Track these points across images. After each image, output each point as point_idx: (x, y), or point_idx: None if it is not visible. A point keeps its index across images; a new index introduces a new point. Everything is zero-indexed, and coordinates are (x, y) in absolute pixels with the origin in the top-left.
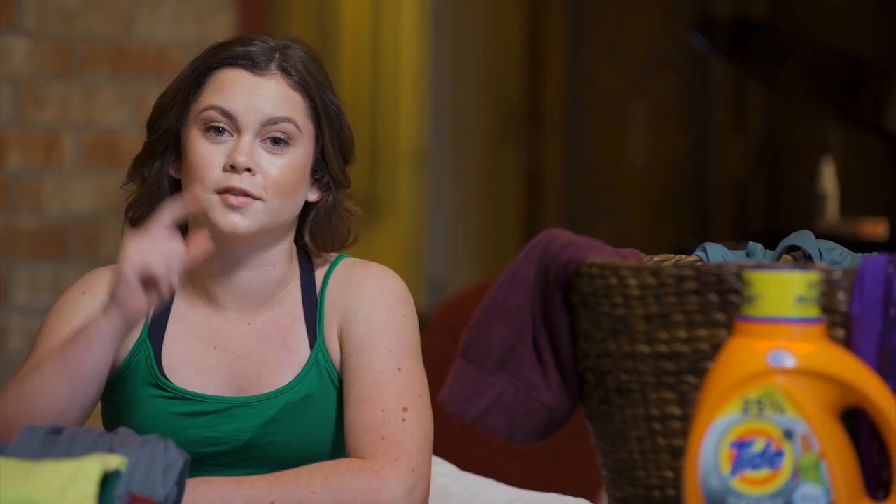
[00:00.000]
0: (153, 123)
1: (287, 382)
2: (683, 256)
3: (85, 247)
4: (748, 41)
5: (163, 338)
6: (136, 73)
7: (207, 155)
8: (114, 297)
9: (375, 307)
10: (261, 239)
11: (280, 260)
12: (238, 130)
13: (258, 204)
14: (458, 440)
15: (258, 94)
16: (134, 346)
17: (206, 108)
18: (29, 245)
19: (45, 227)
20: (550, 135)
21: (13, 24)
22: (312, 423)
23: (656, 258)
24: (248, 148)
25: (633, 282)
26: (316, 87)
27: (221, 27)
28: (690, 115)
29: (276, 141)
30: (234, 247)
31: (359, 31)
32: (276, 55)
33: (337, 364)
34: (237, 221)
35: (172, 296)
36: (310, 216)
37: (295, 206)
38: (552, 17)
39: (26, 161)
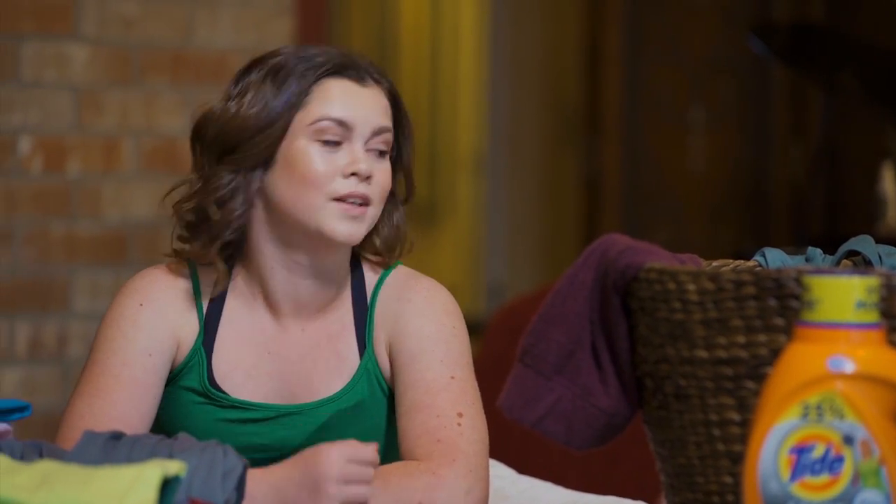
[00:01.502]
0: (245, 138)
1: (338, 390)
2: (742, 261)
3: (144, 253)
4: (806, 45)
5: (214, 342)
6: (195, 80)
7: (324, 164)
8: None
9: (426, 320)
10: (347, 248)
11: (344, 267)
12: (349, 139)
13: (369, 212)
14: (516, 445)
15: (368, 105)
16: (189, 353)
17: (319, 119)
18: (89, 251)
19: (105, 234)
20: (609, 139)
21: (73, 32)
22: (362, 430)
23: (715, 263)
24: (364, 156)
25: (691, 287)
26: (400, 98)
27: (281, 33)
28: (749, 119)
29: (379, 152)
30: (325, 256)
31: (418, 36)
32: (366, 64)
33: (385, 373)
34: (355, 230)
35: (224, 298)
36: (378, 226)
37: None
38: (610, 21)
39: (86, 167)
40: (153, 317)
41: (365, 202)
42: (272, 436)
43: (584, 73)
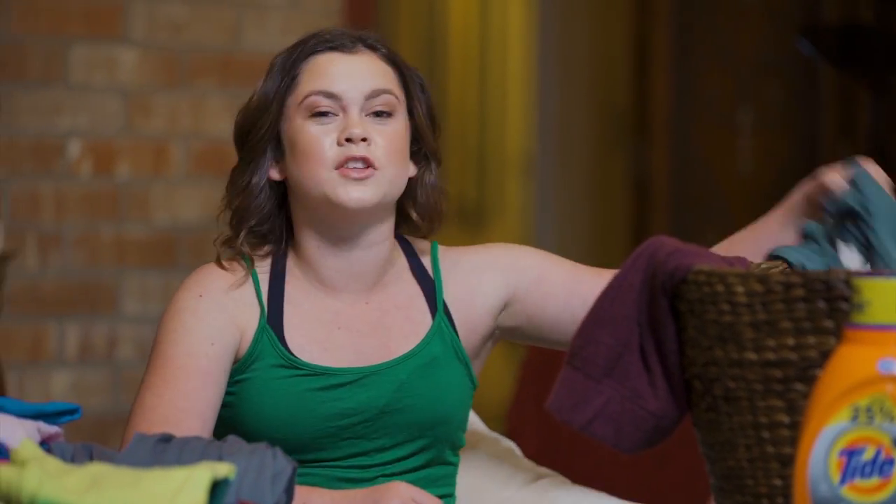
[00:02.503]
0: (248, 131)
1: (413, 347)
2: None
3: (193, 256)
4: (855, 46)
5: (283, 322)
6: (243, 83)
7: (319, 135)
8: None
9: (520, 252)
10: (377, 213)
11: (387, 237)
12: (343, 109)
13: (377, 174)
14: (566, 448)
15: (356, 71)
16: (255, 335)
17: (307, 96)
18: (138, 254)
19: (154, 237)
20: (657, 141)
21: (122, 35)
22: (441, 384)
23: (763, 265)
24: (359, 120)
25: (740, 289)
26: (400, 60)
27: None
28: (797, 120)
29: (378, 114)
30: (352, 224)
31: (466, 37)
32: (358, 37)
33: (462, 335)
34: (361, 194)
35: (282, 283)
36: (410, 192)
37: (405, 177)
38: (659, 24)
39: (135, 171)
40: (213, 307)
41: (368, 164)
42: (357, 398)
43: (632, 75)
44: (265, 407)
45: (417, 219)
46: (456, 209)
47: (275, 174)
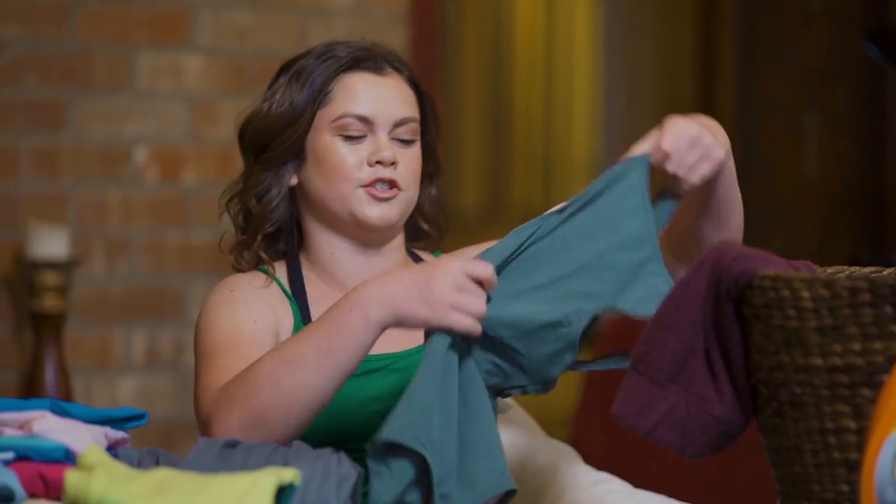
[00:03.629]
0: (271, 139)
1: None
2: (857, 268)
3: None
4: None
5: (311, 321)
6: None
7: (349, 155)
8: (402, 311)
9: None
10: (397, 227)
11: (400, 244)
12: (372, 131)
13: (401, 195)
14: (632, 452)
15: (387, 97)
16: (294, 330)
17: (341, 116)
18: (204, 260)
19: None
20: None
21: (188, 42)
22: None
23: (829, 270)
24: (388, 143)
25: (805, 294)
26: (420, 83)
27: (395, 42)
28: (863, 125)
29: (402, 139)
30: (374, 237)
31: (532, 44)
32: (380, 53)
33: None
34: (386, 212)
35: (302, 284)
36: (420, 205)
37: (417, 195)
38: (724, 29)
39: (201, 177)
40: (247, 296)
41: (393, 185)
42: (389, 382)
43: (697, 79)
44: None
45: (428, 228)
46: (522, 214)
47: (293, 181)
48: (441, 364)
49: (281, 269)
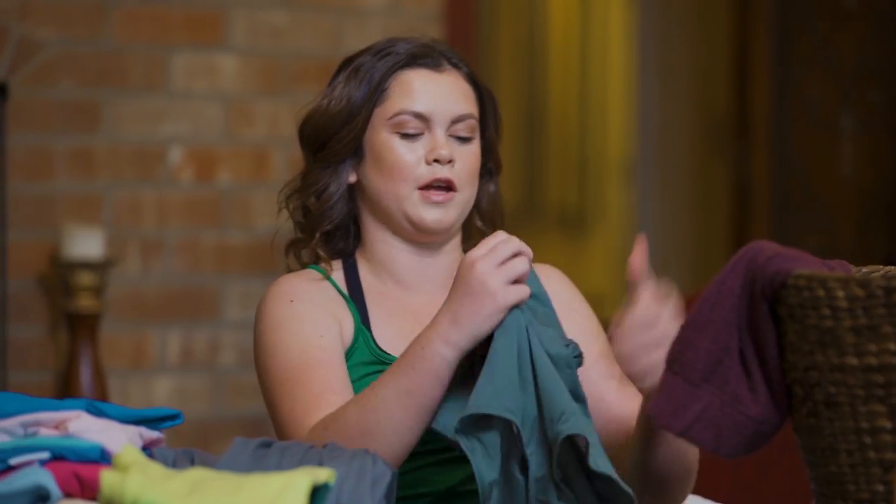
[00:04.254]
0: (329, 136)
1: None
2: (892, 268)
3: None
4: None
5: (370, 321)
6: None
7: (407, 154)
8: (473, 322)
9: (564, 284)
10: (454, 229)
11: (457, 245)
12: (429, 128)
13: (456, 196)
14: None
15: (444, 93)
16: (354, 333)
17: (398, 114)
18: (240, 261)
19: (256, 243)
20: (758, 146)
21: (223, 42)
22: None
23: (864, 269)
24: (445, 142)
25: (840, 293)
26: (480, 80)
27: None
28: None
29: (460, 137)
30: (430, 239)
31: (567, 44)
32: (439, 50)
33: None
34: (442, 217)
35: (359, 283)
36: (476, 203)
37: (474, 196)
38: (759, 28)
39: (236, 177)
40: (308, 307)
41: (450, 187)
42: None
43: (732, 80)
44: None
45: (482, 225)
46: (557, 215)
47: (352, 178)
48: (515, 333)
49: (337, 268)
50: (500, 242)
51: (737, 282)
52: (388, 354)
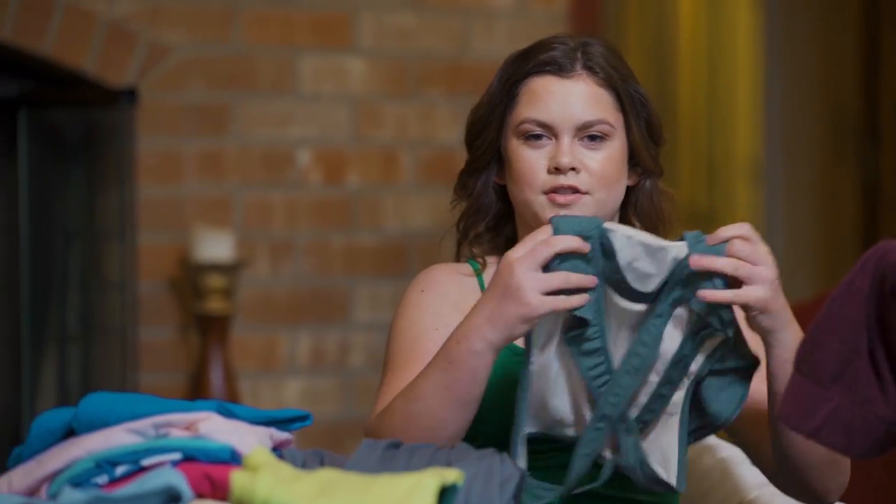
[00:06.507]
0: (474, 139)
1: None
2: None
3: (424, 263)
4: None
5: None
6: (471, 91)
7: (531, 161)
8: (506, 324)
9: None
10: None
11: None
12: (556, 135)
13: (586, 198)
14: None
15: (570, 100)
16: None
17: (522, 122)
18: (369, 262)
19: (385, 245)
20: (887, 144)
21: (351, 45)
22: None
23: None
24: (569, 149)
25: None
26: (620, 80)
27: None
28: None
29: (592, 138)
30: None
31: (695, 44)
32: (579, 54)
33: None
34: None
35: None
36: (631, 200)
37: (618, 196)
38: (888, 26)
39: (365, 179)
40: (435, 300)
41: (575, 191)
42: None
43: (861, 78)
44: (489, 392)
45: (639, 225)
46: (687, 215)
47: (500, 179)
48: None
49: (492, 263)
50: (541, 243)
51: (866, 281)
52: (516, 344)
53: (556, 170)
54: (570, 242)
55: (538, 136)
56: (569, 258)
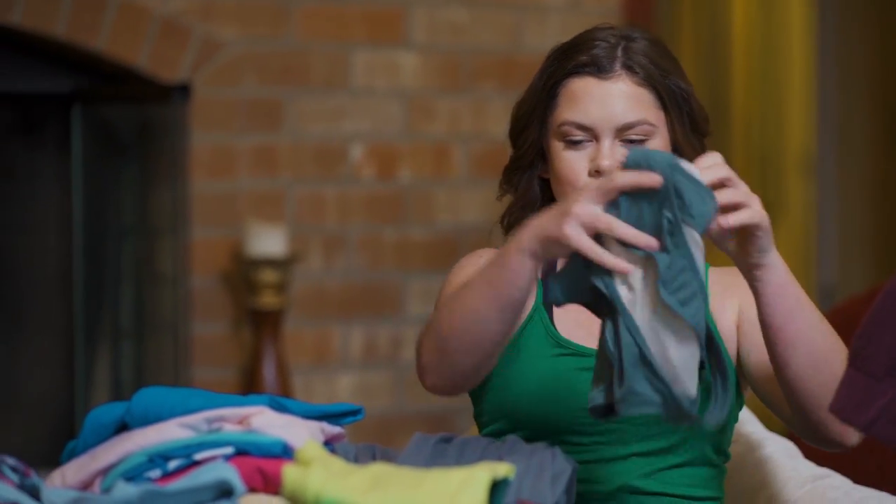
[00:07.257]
0: (517, 137)
1: None
2: None
3: None
4: None
5: (551, 307)
6: (523, 85)
7: (572, 163)
8: (544, 239)
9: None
10: None
11: None
12: (596, 137)
13: None
14: (852, 449)
15: (609, 102)
16: (529, 313)
17: (562, 124)
18: (421, 257)
19: (437, 239)
20: None
21: (403, 39)
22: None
23: None
24: (610, 151)
25: None
26: (660, 77)
27: None
28: None
29: (632, 140)
30: None
31: (749, 39)
32: (619, 52)
33: (724, 333)
34: None
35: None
36: None
37: None
38: None
39: (417, 173)
40: (479, 261)
41: None
42: None
43: None
44: (530, 384)
45: None
46: None
47: (545, 173)
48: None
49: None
50: (607, 180)
51: None
52: (563, 337)
53: (598, 172)
54: (640, 178)
55: (578, 140)
56: (638, 198)
